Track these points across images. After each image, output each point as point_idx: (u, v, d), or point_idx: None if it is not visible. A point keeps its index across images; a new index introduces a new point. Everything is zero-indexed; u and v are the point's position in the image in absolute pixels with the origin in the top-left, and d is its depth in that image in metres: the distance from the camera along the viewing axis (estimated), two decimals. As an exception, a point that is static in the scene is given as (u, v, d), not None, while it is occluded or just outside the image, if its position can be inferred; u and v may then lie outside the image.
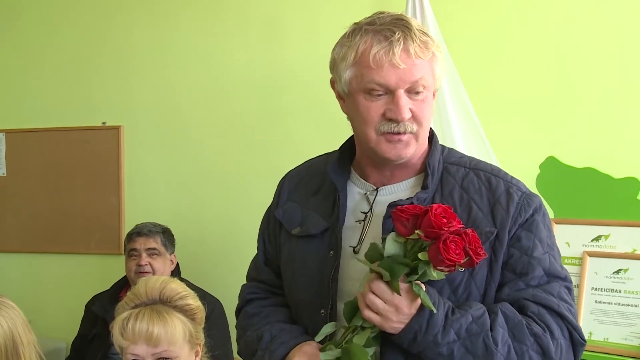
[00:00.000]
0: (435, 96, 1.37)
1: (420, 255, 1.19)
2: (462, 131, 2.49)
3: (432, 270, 1.19)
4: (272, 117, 2.99)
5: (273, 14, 2.99)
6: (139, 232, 2.77)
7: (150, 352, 1.55)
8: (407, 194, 1.37)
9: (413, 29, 1.30)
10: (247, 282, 1.60)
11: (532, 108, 2.63)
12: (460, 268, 1.21)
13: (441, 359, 1.25)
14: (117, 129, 3.20)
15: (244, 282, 1.62)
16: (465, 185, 1.37)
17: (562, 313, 1.29)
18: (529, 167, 2.55)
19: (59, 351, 3.11)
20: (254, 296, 1.54)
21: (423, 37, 1.30)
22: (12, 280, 3.32)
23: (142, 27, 3.17)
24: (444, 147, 1.45)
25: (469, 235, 1.17)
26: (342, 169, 1.44)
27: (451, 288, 1.31)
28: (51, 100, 3.30)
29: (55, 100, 3.30)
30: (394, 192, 1.39)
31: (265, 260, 1.56)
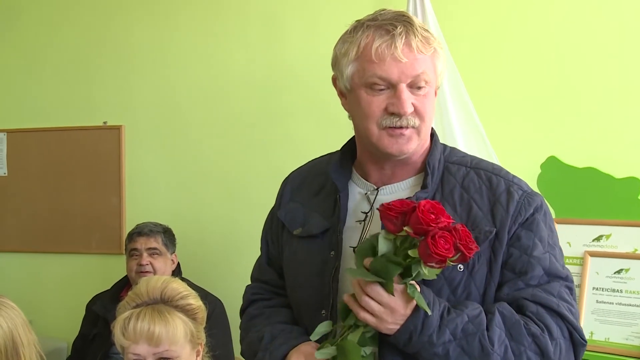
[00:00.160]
0: (436, 94, 1.37)
1: (411, 252, 1.18)
2: (463, 131, 2.49)
3: (423, 267, 1.18)
4: (272, 117, 2.99)
5: (273, 14, 2.99)
6: (139, 231, 2.77)
7: (152, 352, 1.55)
8: (407, 193, 1.36)
9: (415, 25, 1.30)
10: (251, 282, 1.60)
11: (533, 108, 2.63)
12: (455, 264, 1.20)
13: (437, 359, 1.24)
14: (117, 128, 3.20)
15: (244, 282, 1.62)
16: (465, 184, 1.36)
17: (562, 313, 1.28)
18: (530, 167, 2.55)
19: (59, 351, 3.11)
20: (257, 297, 1.55)
21: (425, 32, 1.31)
22: (13, 280, 3.32)
23: (142, 27, 3.17)
24: (445, 146, 1.44)
25: (458, 231, 1.16)
26: (343, 169, 1.43)
27: (450, 288, 1.30)
28: (52, 100, 3.30)
29: (56, 100, 3.30)
30: (394, 191, 1.38)
31: (268, 261, 1.56)
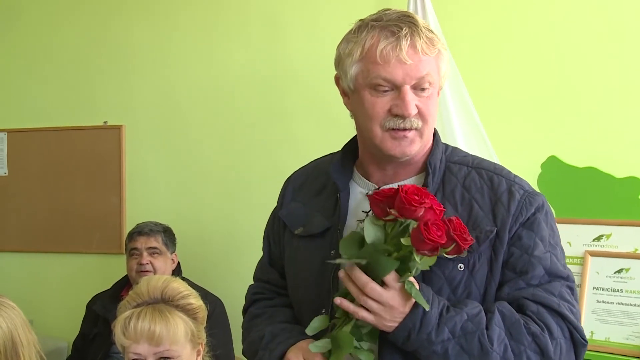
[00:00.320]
0: (439, 94, 1.37)
1: (403, 240, 1.18)
2: (464, 131, 2.49)
3: (416, 255, 1.17)
4: (273, 116, 2.99)
5: (274, 14, 2.99)
6: (140, 231, 2.77)
7: (152, 351, 1.55)
8: None
9: (420, 26, 1.30)
10: (253, 282, 1.60)
11: (534, 108, 2.63)
12: (451, 257, 1.20)
13: (436, 357, 1.24)
14: (118, 128, 3.20)
15: (244, 281, 1.63)
16: (467, 184, 1.36)
17: (562, 313, 1.28)
18: (531, 167, 2.55)
19: (60, 350, 3.11)
20: (259, 297, 1.55)
21: (429, 34, 1.31)
22: (13, 280, 3.32)
23: (142, 26, 3.17)
24: (447, 145, 1.44)
25: (453, 222, 1.16)
26: (344, 168, 1.43)
27: (451, 287, 1.30)
28: (52, 100, 3.30)
29: (57, 100, 3.30)
30: None
31: (269, 261, 1.56)
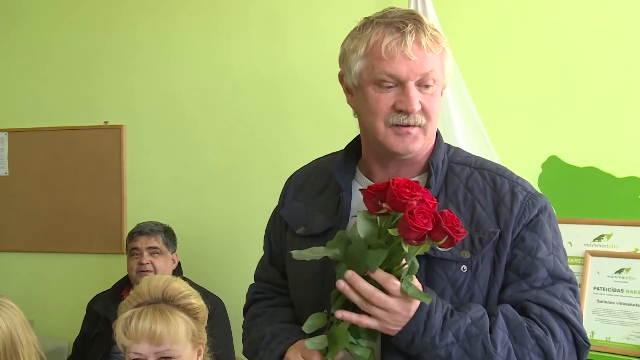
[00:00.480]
0: (442, 93, 1.37)
1: (391, 230, 1.17)
2: (464, 131, 2.49)
3: (404, 245, 1.16)
4: (273, 116, 2.99)
5: (274, 14, 2.99)
6: (140, 231, 2.77)
7: (153, 351, 1.55)
8: None
9: (425, 23, 1.30)
10: (254, 281, 1.60)
11: (534, 107, 2.63)
12: (444, 249, 1.19)
13: None
14: (119, 128, 3.20)
15: (245, 281, 1.63)
16: (469, 184, 1.36)
17: (565, 315, 1.28)
18: (531, 167, 2.55)
19: (60, 350, 3.11)
20: (259, 296, 1.55)
21: (434, 32, 1.31)
22: (13, 280, 3.33)
23: (143, 26, 3.17)
24: (449, 146, 1.44)
25: (445, 214, 1.16)
26: (347, 168, 1.43)
27: (454, 289, 1.30)
28: (53, 100, 3.30)
29: (57, 99, 3.30)
30: None
31: (270, 260, 1.56)
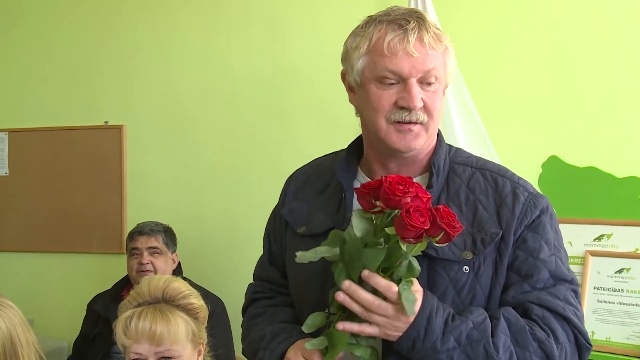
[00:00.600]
0: (444, 93, 1.37)
1: (388, 229, 1.17)
2: (464, 131, 2.49)
3: (402, 244, 1.16)
4: (273, 116, 2.99)
5: (274, 14, 2.99)
6: (140, 231, 2.77)
7: (153, 351, 1.55)
8: None
9: (427, 21, 1.31)
10: (253, 280, 1.60)
11: (534, 107, 2.63)
12: (441, 245, 1.18)
13: None
14: (119, 128, 3.20)
15: (245, 281, 1.62)
16: (471, 185, 1.36)
17: (567, 317, 1.28)
18: (532, 167, 2.55)
19: (61, 350, 3.10)
20: (259, 295, 1.54)
21: (436, 30, 1.32)
22: (14, 280, 3.33)
23: (144, 26, 3.17)
24: (450, 146, 1.44)
25: (440, 210, 1.15)
26: (349, 167, 1.43)
27: (455, 289, 1.30)
28: (53, 100, 3.30)
29: (58, 99, 3.30)
30: None
31: (270, 259, 1.55)
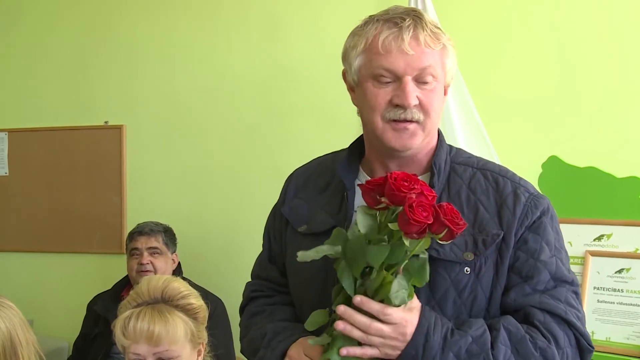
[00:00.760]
0: (447, 92, 1.37)
1: (391, 225, 1.16)
2: (464, 131, 2.49)
3: (405, 239, 1.15)
4: (274, 116, 2.99)
5: (274, 14, 2.99)
6: (140, 231, 2.77)
7: (152, 352, 1.55)
8: None
9: (424, 19, 1.30)
10: (251, 279, 1.59)
11: (535, 107, 2.63)
12: (444, 242, 1.17)
13: None
14: (119, 128, 3.20)
15: (245, 281, 1.61)
16: (472, 185, 1.35)
17: (569, 320, 1.28)
18: (532, 167, 2.55)
19: (61, 350, 3.11)
20: (257, 294, 1.53)
21: (434, 28, 1.31)
22: (14, 280, 3.33)
23: (144, 26, 3.17)
24: (451, 146, 1.44)
25: (443, 207, 1.15)
26: (350, 167, 1.43)
27: (457, 291, 1.29)
28: (53, 100, 3.30)
29: (58, 99, 3.30)
30: None
31: (270, 258, 1.54)
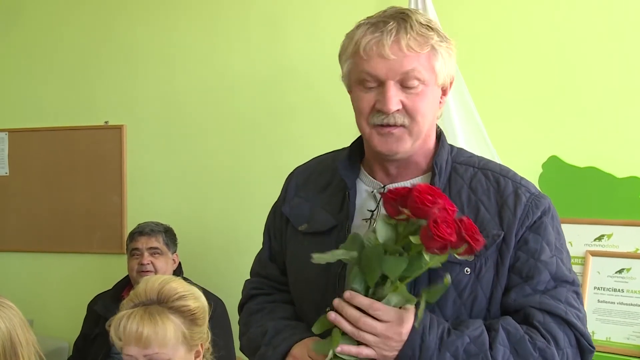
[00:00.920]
0: (446, 93, 1.35)
1: (412, 238, 1.15)
2: (465, 131, 2.49)
3: (425, 254, 1.15)
4: (274, 116, 2.99)
5: (274, 14, 2.99)
6: (141, 231, 2.77)
7: (142, 353, 1.54)
8: None
9: (411, 21, 1.27)
10: (250, 277, 1.58)
11: (535, 107, 2.63)
12: (463, 258, 1.18)
13: None
14: (119, 128, 3.20)
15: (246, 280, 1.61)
16: (473, 185, 1.35)
17: (569, 320, 1.27)
18: (532, 167, 2.54)
19: (61, 351, 3.11)
20: (257, 292, 1.52)
21: (422, 29, 1.27)
22: (14, 280, 3.33)
23: (144, 26, 3.17)
24: (452, 146, 1.43)
25: (464, 222, 1.14)
26: (352, 166, 1.42)
27: (457, 291, 1.29)
28: (54, 100, 3.30)
29: (58, 99, 3.30)
30: None
31: (270, 256, 1.54)
